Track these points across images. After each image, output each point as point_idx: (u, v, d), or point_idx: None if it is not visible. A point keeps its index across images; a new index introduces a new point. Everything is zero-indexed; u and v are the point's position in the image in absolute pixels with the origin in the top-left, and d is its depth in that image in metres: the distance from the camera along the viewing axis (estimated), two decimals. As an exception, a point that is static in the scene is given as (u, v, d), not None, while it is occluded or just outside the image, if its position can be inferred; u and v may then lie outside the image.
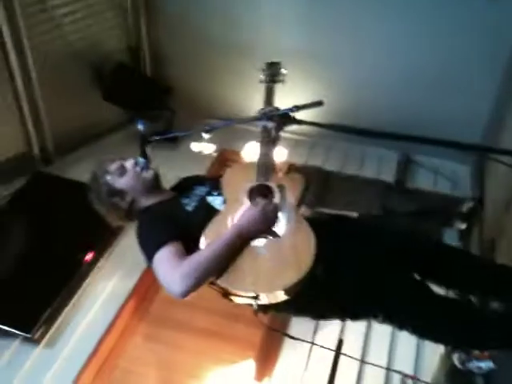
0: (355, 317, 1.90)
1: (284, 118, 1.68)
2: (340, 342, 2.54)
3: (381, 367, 2.66)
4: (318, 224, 1.67)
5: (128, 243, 3.50)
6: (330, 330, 3.00)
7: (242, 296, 1.60)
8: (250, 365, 2.97)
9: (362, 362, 2.78)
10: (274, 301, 1.60)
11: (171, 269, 1.59)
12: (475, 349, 2.26)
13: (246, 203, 1.71)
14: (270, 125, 1.81)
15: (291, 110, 1.65)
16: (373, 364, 2.55)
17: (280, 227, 1.66)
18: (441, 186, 4.16)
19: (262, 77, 1.99)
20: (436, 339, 1.91)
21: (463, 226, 3.57)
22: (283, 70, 1.99)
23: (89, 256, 3.39)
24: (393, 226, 2.54)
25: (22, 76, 3.76)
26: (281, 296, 1.58)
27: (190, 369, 3.00)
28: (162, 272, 1.64)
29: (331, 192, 4.03)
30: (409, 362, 2.89)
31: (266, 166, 1.79)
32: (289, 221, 1.68)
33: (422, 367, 2.86)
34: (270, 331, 3.03)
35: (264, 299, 1.58)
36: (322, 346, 2.22)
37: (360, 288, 1.73)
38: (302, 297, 1.61)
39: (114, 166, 1.92)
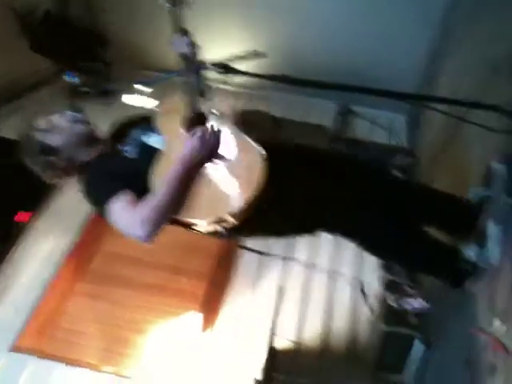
0: (311, 231, 1.94)
1: (223, 69, 1.64)
2: (281, 289, 2.59)
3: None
4: (269, 145, 1.70)
5: (63, 201, 3.39)
6: (272, 275, 3.09)
7: (207, 224, 1.62)
8: (194, 316, 2.99)
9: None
10: (236, 221, 1.63)
11: (129, 216, 1.58)
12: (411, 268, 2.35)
13: (184, 135, 1.70)
14: (185, 51, 1.75)
15: (230, 60, 1.62)
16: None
17: (225, 149, 1.68)
18: (378, 136, 4.24)
19: (162, 1, 1.80)
20: (380, 253, 1.97)
21: (399, 175, 3.67)
22: None
23: (23, 216, 3.27)
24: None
25: None
26: (240, 216, 1.61)
27: (136, 324, 2.99)
28: (121, 221, 1.61)
29: (280, 137, 4.03)
30: (346, 305, 3.00)
31: (194, 93, 1.76)
32: (233, 142, 1.69)
33: (359, 309, 2.97)
34: (213, 282, 3.10)
35: (228, 221, 1.61)
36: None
37: (311, 202, 1.77)
38: (259, 215, 1.64)
39: (44, 123, 1.82)
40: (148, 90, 1.73)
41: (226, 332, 2.90)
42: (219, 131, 1.71)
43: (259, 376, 2.32)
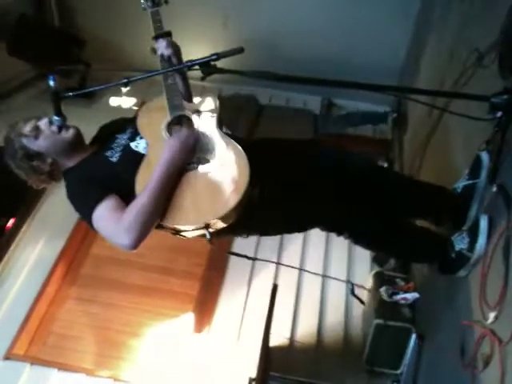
0: (301, 229, 1.96)
1: (206, 67, 1.63)
2: (275, 287, 2.59)
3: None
4: (248, 144, 1.69)
5: (51, 206, 3.36)
6: (265, 274, 3.10)
7: (193, 229, 1.62)
8: (188, 317, 2.99)
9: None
10: (220, 226, 1.63)
11: (114, 224, 1.58)
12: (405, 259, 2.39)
13: (165, 137, 1.71)
14: (166, 52, 1.79)
15: (212, 58, 1.60)
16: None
17: (207, 151, 1.67)
18: (363, 128, 4.24)
19: (143, 3, 1.87)
20: (368, 245, 1.98)
21: (384, 165, 3.68)
22: None
23: (10, 222, 3.24)
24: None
25: None
26: (227, 219, 1.61)
27: (129, 327, 2.98)
28: (106, 230, 1.62)
29: (263, 122, 4.04)
30: (340, 301, 3.02)
31: (175, 96, 1.77)
32: (215, 143, 1.69)
33: (352, 304, 2.98)
34: (206, 282, 3.09)
35: (213, 226, 1.61)
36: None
37: (299, 202, 1.76)
38: (246, 217, 1.65)
39: (28, 128, 1.80)
40: (128, 89, 1.72)
41: (221, 332, 2.90)
42: (201, 133, 1.70)
43: (254, 374, 2.32)
